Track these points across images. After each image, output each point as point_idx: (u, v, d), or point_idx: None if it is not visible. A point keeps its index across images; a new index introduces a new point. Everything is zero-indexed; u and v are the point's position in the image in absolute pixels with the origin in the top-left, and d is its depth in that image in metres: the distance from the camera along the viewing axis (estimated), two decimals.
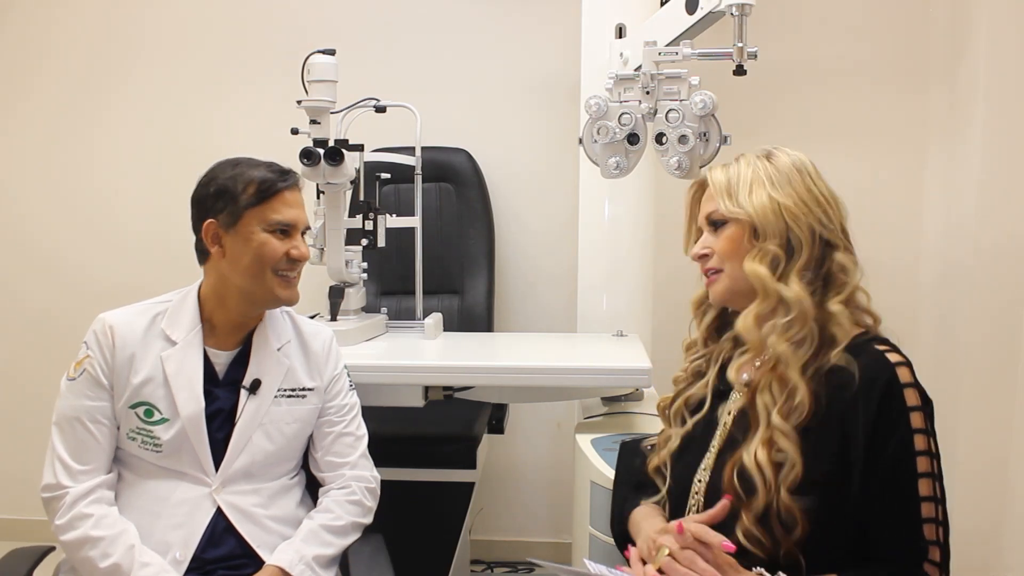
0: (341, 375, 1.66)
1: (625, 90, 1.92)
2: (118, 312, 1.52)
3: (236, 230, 1.49)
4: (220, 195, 1.49)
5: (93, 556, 1.39)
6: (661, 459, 1.39)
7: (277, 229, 1.50)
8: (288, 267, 1.52)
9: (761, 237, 1.28)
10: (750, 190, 1.29)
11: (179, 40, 3.00)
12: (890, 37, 2.78)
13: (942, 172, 2.71)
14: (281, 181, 1.50)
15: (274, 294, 1.52)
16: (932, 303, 2.74)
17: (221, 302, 1.53)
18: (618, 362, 2.01)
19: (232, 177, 1.49)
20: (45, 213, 3.07)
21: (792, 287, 1.25)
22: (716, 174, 1.34)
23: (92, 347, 1.48)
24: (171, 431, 1.47)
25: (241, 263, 1.49)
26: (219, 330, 1.54)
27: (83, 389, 1.47)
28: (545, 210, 2.92)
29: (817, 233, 1.27)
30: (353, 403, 1.67)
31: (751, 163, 1.32)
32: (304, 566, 1.46)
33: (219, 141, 2.92)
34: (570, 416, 2.64)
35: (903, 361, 1.22)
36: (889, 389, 1.18)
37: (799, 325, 1.24)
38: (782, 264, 1.26)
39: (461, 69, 2.92)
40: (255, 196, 1.48)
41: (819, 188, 1.30)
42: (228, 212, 1.49)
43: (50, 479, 1.44)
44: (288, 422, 1.57)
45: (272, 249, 1.49)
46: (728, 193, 1.31)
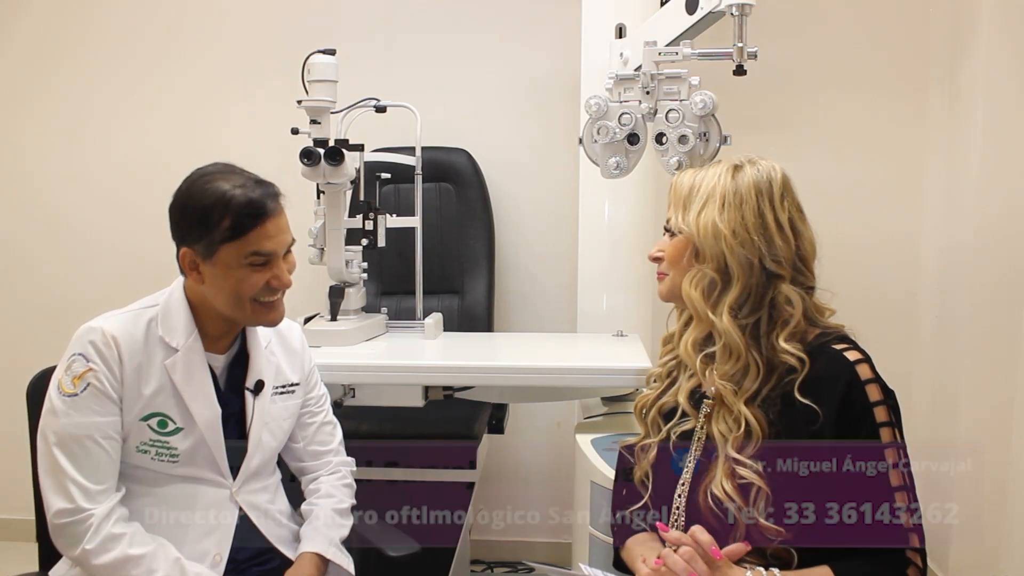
0: (314, 367, 1.70)
1: (625, 90, 1.92)
2: (110, 321, 1.43)
3: (212, 262, 1.41)
4: (194, 223, 1.40)
5: (138, 575, 1.36)
6: (643, 470, 1.40)
7: (256, 262, 1.42)
8: (270, 294, 1.45)
9: (700, 259, 1.30)
10: (702, 207, 1.30)
11: (180, 40, 3.00)
12: (890, 36, 2.78)
13: (941, 171, 2.71)
14: (260, 212, 1.39)
15: (255, 321, 1.49)
16: (932, 301, 2.74)
17: (207, 312, 1.49)
18: (618, 362, 2.01)
19: (208, 205, 1.38)
20: (43, 208, 3.07)
21: (722, 319, 1.27)
22: (683, 179, 1.36)
23: (95, 360, 1.39)
24: (188, 440, 1.44)
25: (220, 294, 1.44)
26: (211, 335, 1.51)
27: (90, 404, 1.38)
28: (545, 210, 2.92)
29: (756, 265, 1.27)
30: (325, 392, 1.72)
31: (718, 174, 1.32)
32: (336, 549, 1.53)
33: (219, 141, 2.92)
34: (570, 416, 2.64)
35: (862, 358, 1.24)
36: (851, 388, 1.20)
37: (733, 359, 1.27)
38: (717, 290, 1.29)
39: (461, 69, 2.92)
40: (230, 230, 1.38)
41: (775, 215, 1.28)
42: (203, 243, 1.40)
43: (66, 503, 1.35)
44: (284, 418, 1.59)
45: (251, 284, 1.42)
46: (683, 205, 1.33)
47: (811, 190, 1.39)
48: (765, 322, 1.28)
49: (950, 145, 2.66)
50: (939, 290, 2.70)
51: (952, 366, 2.56)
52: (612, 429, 1.95)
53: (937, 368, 2.67)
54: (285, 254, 1.47)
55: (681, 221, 1.33)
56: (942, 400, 2.61)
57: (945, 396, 2.60)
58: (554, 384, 2.02)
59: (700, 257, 1.30)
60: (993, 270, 2.42)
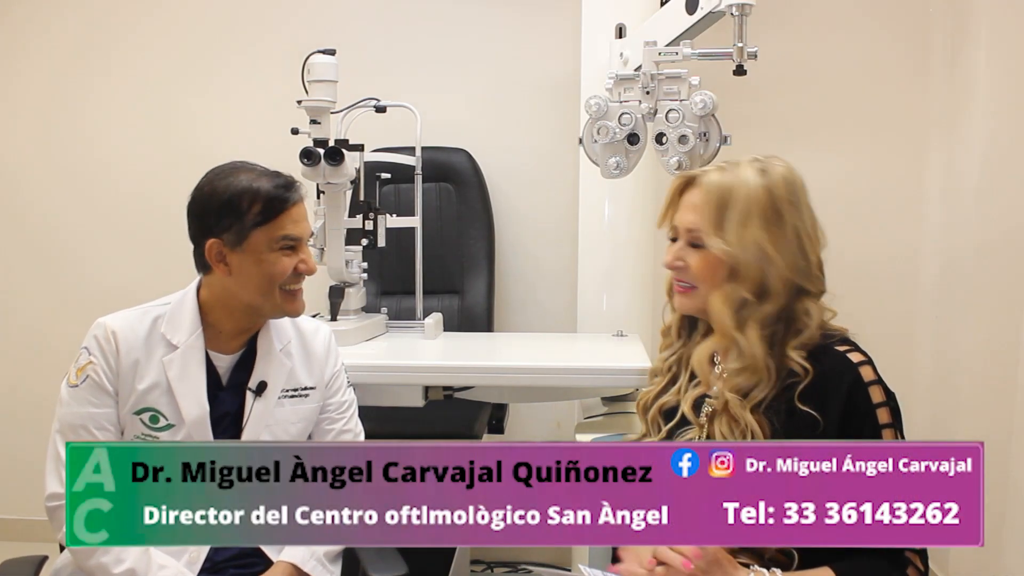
0: (340, 372, 1.66)
1: (625, 90, 1.92)
2: (117, 317, 1.48)
3: (243, 249, 1.44)
4: (223, 213, 1.43)
5: (106, 562, 1.37)
6: None
7: (286, 246, 1.46)
8: (295, 281, 1.49)
9: (738, 277, 1.26)
10: (743, 223, 1.25)
11: (179, 40, 3.00)
12: (889, 35, 2.79)
13: (942, 169, 2.71)
14: (288, 197, 1.45)
15: (282, 310, 1.50)
16: (932, 298, 2.74)
17: (227, 312, 1.50)
18: (618, 362, 2.01)
19: (236, 193, 1.43)
20: (44, 207, 3.07)
21: (749, 336, 1.25)
22: (711, 179, 1.29)
23: (95, 353, 1.45)
24: (176, 437, 1.46)
25: (250, 282, 1.46)
26: (223, 335, 1.52)
27: (87, 396, 1.44)
28: (545, 210, 2.92)
29: (792, 283, 1.26)
30: (351, 400, 1.67)
31: (748, 184, 1.26)
32: (316, 562, 1.48)
33: (219, 141, 2.92)
34: (570, 416, 2.64)
35: (865, 360, 1.24)
36: (854, 390, 1.21)
37: (748, 372, 1.26)
38: (747, 307, 1.26)
39: (461, 69, 2.92)
40: (261, 214, 1.42)
41: (804, 225, 1.27)
42: (234, 231, 1.43)
43: (56, 488, 1.40)
44: (293, 422, 1.57)
45: (282, 267, 1.45)
46: (718, 221, 1.26)
47: (810, 190, 1.38)
48: (782, 332, 1.27)
49: (951, 146, 2.66)
50: (939, 286, 2.70)
51: (952, 366, 2.56)
52: (612, 429, 1.95)
53: (937, 369, 2.67)
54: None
55: (719, 239, 1.26)
56: (942, 400, 2.61)
57: (945, 396, 2.60)
58: (554, 384, 2.02)
59: (738, 276, 1.26)
60: (993, 270, 2.42)
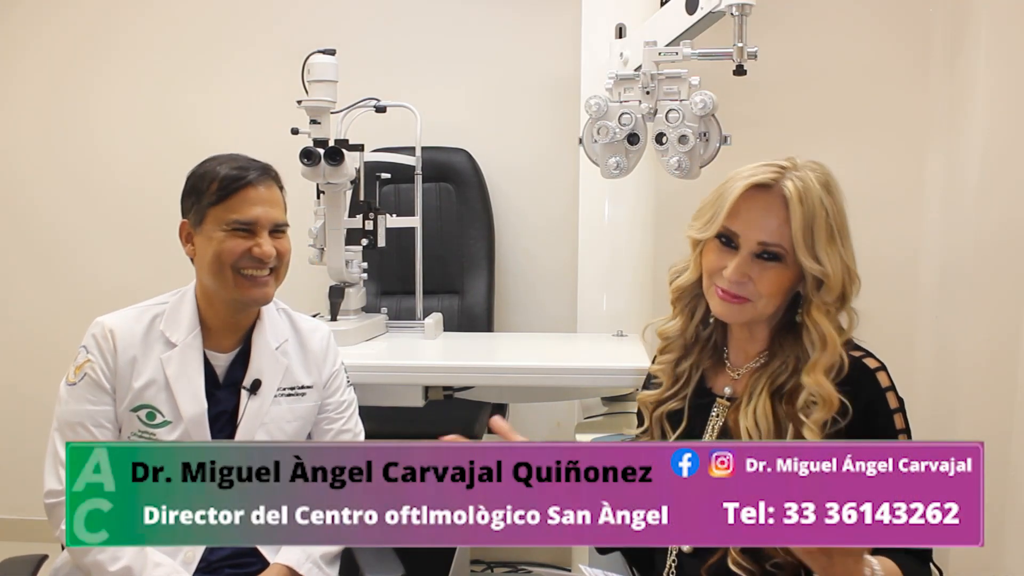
0: (339, 372, 1.65)
1: (625, 90, 1.92)
2: (115, 316, 1.50)
3: (201, 229, 1.47)
4: (190, 192, 1.49)
5: (102, 560, 1.38)
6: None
7: (237, 228, 1.45)
8: (252, 265, 1.46)
9: (825, 292, 1.23)
10: (827, 239, 1.22)
11: (180, 41, 3.00)
12: (889, 35, 2.79)
13: (942, 168, 2.71)
14: (242, 177, 1.45)
15: (239, 296, 1.47)
16: (932, 298, 2.74)
17: (209, 304, 1.51)
18: (618, 362, 2.01)
19: (201, 175, 1.47)
20: (44, 207, 3.07)
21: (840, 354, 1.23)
22: (790, 190, 1.22)
23: (92, 351, 1.46)
24: (174, 434, 1.47)
25: (204, 262, 1.47)
26: (215, 332, 1.53)
27: (85, 394, 1.45)
28: (545, 210, 2.92)
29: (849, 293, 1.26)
30: (351, 400, 1.66)
31: (819, 194, 1.23)
32: (311, 564, 1.48)
33: (219, 141, 2.89)
34: (570, 416, 2.64)
35: (880, 366, 1.24)
36: (874, 397, 1.21)
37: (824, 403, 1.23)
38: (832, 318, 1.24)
39: (461, 69, 2.92)
40: (216, 194, 1.45)
41: (845, 217, 1.27)
42: (195, 211, 1.47)
43: (54, 485, 1.42)
44: (289, 420, 1.57)
45: (228, 249, 1.44)
46: (806, 242, 1.21)
47: None
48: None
49: (951, 145, 2.66)
50: (939, 286, 2.70)
51: (952, 366, 2.56)
52: (612, 429, 1.95)
53: (937, 369, 2.67)
54: (276, 234, 1.49)
55: (814, 261, 1.21)
56: (942, 400, 2.61)
57: (945, 396, 2.60)
58: (554, 384, 2.02)
59: (824, 291, 1.22)
60: (993, 270, 2.42)
